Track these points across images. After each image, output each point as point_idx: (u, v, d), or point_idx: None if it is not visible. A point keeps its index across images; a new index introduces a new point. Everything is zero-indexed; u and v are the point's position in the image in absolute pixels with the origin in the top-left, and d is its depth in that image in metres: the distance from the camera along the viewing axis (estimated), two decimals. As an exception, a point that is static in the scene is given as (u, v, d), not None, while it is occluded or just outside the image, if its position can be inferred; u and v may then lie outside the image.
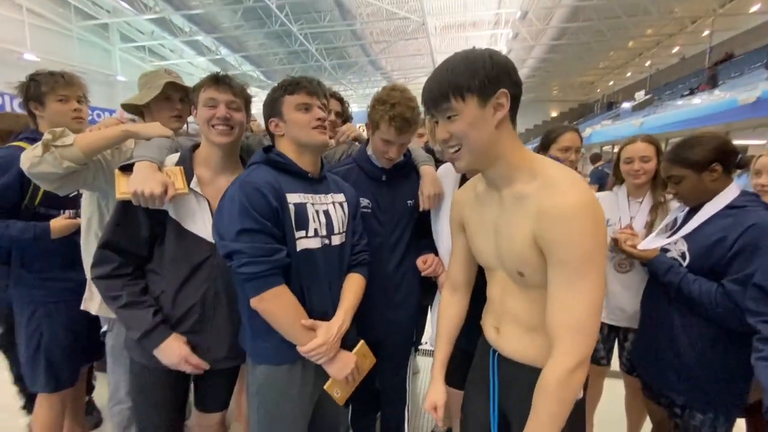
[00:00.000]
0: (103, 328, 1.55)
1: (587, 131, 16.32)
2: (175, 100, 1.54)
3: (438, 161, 1.64)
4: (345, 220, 1.26)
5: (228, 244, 1.02)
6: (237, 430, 1.95)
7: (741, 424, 1.41)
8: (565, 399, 0.80)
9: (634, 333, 1.65)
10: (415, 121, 1.37)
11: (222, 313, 1.23)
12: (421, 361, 2.77)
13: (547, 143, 1.80)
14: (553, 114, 37.50)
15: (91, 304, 1.50)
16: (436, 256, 1.52)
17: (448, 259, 1.26)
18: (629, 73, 25.97)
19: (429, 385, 1.16)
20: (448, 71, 0.84)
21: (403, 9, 16.31)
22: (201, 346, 1.20)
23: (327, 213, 1.20)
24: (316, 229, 1.15)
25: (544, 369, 0.82)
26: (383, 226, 1.49)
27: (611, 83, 29.08)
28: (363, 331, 1.32)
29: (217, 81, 1.21)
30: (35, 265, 1.54)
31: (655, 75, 22.94)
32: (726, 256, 1.15)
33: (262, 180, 1.07)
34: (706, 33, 16.62)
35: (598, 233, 0.78)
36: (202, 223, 1.20)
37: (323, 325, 1.13)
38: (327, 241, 1.18)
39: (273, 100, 1.17)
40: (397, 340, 1.61)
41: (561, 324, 0.80)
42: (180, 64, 26.30)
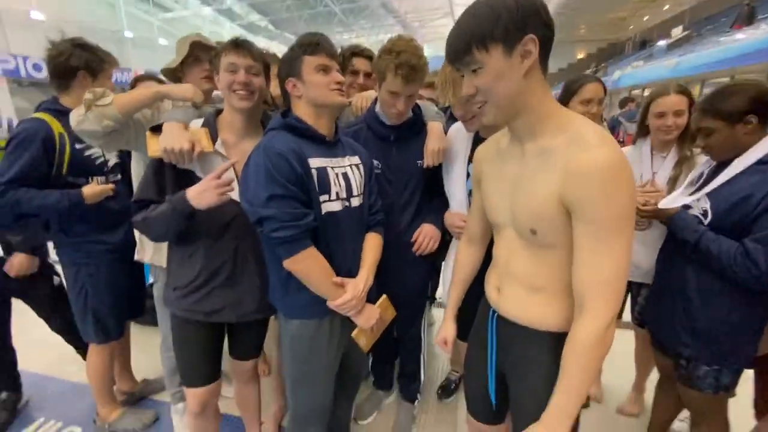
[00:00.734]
0: (150, 280, 1.67)
1: (616, 74, 15.27)
2: (204, 60, 1.55)
3: (451, 118, 1.61)
4: (362, 182, 1.29)
5: (258, 210, 1.06)
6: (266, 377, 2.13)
7: (748, 373, 1.45)
8: (600, 356, 0.81)
9: (648, 288, 1.66)
10: (421, 70, 1.33)
11: (251, 268, 1.31)
12: (436, 313, 2.89)
13: (568, 94, 1.71)
14: (580, 56, 34.94)
15: (144, 254, 1.65)
16: (435, 225, 1.56)
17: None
18: (667, 6, 23.57)
19: (442, 322, 1.27)
20: (470, 19, 0.79)
21: (417, -58, 14.97)
22: (233, 300, 1.30)
23: (345, 176, 1.22)
24: (337, 192, 1.19)
25: (575, 329, 0.81)
26: (393, 185, 1.51)
27: (646, 18, 26.53)
28: (379, 285, 1.38)
29: (236, 46, 1.22)
30: (72, 230, 1.64)
31: (695, 7, 20.77)
32: (751, 215, 1.12)
33: (285, 146, 1.09)
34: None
35: (630, 193, 0.75)
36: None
37: (351, 282, 1.21)
38: (347, 203, 1.22)
39: (292, 59, 1.15)
40: (411, 294, 1.69)
41: (592, 283, 0.79)
42: (186, 15, 25.41)
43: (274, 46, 32.71)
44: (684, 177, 1.57)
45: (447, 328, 1.25)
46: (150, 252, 1.62)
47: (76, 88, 1.57)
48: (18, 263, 1.75)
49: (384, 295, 1.36)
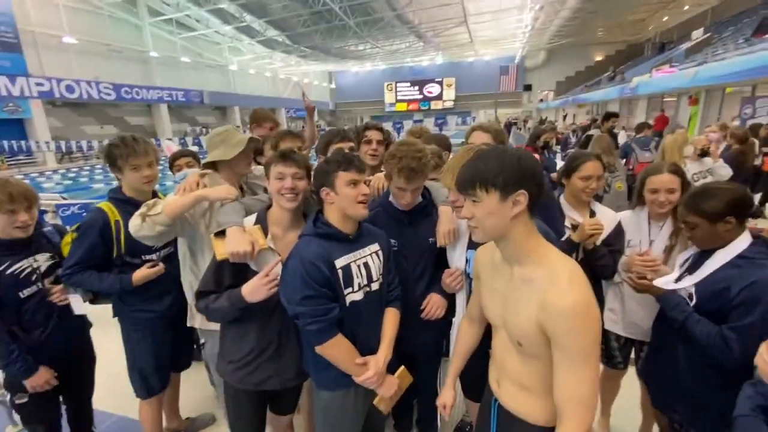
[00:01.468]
0: (201, 341, 1.93)
1: (634, 81, 15.06)
2: (251, 151, 1.87)
3: None
4: (381, 266, 1.50)
5: (294, 307, 1.31)
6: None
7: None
8: None
9: (649, 346, 1.80)
10: (421, 171, 1.55)
11: (292, 343, 1.55)
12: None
13: (570, 170, 1.87)
14: (598, 58, 34.31)
15: (195, 321, 1.88)
16: (443, 295, 1.73)
17: None
18: (687, 6, 23.04)
19: (442, 389, 1.46)
20: (480, 163, 1.00)
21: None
22: (278, 371, 1.54)
23: (366, 265, 1.44)
24: (359, 283, 1.41)
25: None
26: (407, 261, 1.72)
27: (665, 19, 25.96)
28: (399, 345, 1.58)
29: (284, 158, 1.46)
30: (127, 300, 1.90)
31: (717, 8, 20.27)
32: (729, 305, 1.27)
33: (315, 254, 1.32)
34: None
35: (594, 328, 0.93)
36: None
37: (373, 359, 1.42)
38: (368, 288, 1.45)
39: (328, 172, 1.37)
40: (427, 353, 1.90)
41: (568, 400, 0.95)
42: (207, 33, 26.34)
43: (289, 59, 33.51)
44: (679, 247, 1.71)
45: (446, 395, 1.43)
46: (200, 319, 1.86)
47: (124, 180, 1.83)
48: None
49: (402, 366, 1.56)
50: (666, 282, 1.47)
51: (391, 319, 1.54)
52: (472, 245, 1.57)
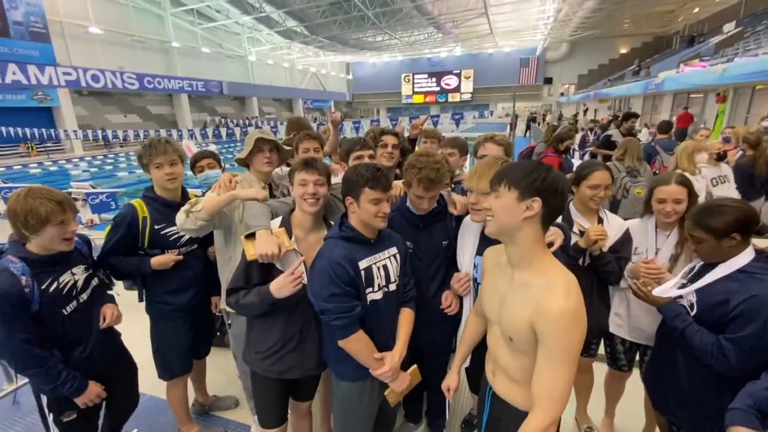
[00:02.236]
0: (228, 322, 2.10)
1: (660, 77, 14.60)
2: (266, 150, 2.01)
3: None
4: (398, 268, 1.62)
5: (321, 303, 1.44)
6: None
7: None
8: None
9: (651, 350, 1.86)
10: (439, 181, 1.65)
11: (313, 335, 1.68)
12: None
13: (579, 179, 1.93)
14: (622, 50, 33.23)
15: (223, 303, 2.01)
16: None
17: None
18: (719, -2, 22.07)
19: (448, 373, 1.59)
20: (515, 166, 1.15)
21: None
22: (300, 361, 1.67)
23: (385, 267, 1.57)
24: (379, 284, 1.54)
25: (525, 422, 1.10)
26: (422, 262, 1.82)
27: (696, 10, 24.91)
28: (411, 341, 1.69)
29: (306, 165, 1.59)
30: (151, 291, 2.05)
31: (751, -1, 19.32)
32: (728, 317, 1.32)
33: (341, 255, 1.45)
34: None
35: (577, 336, 1.04)
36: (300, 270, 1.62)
37: (389, 355, 1.56)
38: (387, 289, 1.57)
39: (356, 185, 1.46)
40: (438, 348, 2.00)
41: (541, 393, 1.08)
42: (227, 24, 26.62)
43: (307, 50, 33.57)
44: (684, 257, 1.76)
45: (451, 379, 1.57)
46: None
47: (152, 179, 1.98)
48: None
49: (414, 365, 1.69)
50: (665, 289, 1.53)
51: (406, 319, 1.66)
52: (480, 252, 1.66)
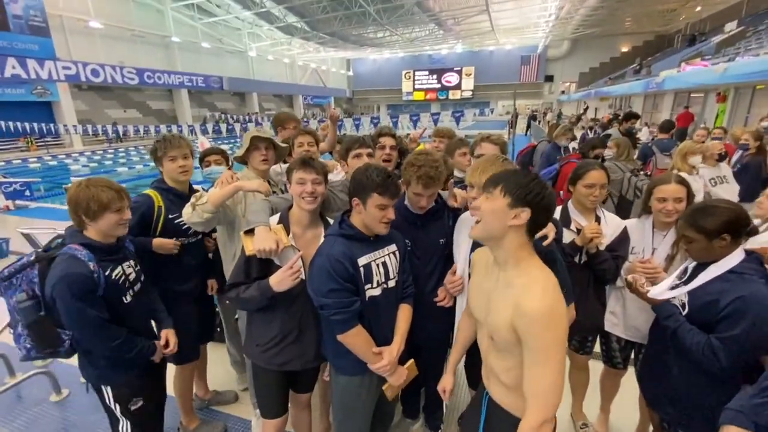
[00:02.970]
0: (235, 316, 2.16)
1: (661, 75, 14.58)
2: (262, 147, 2.07)
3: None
4: (397, 265, 1.64)
5: (320, 299, 1.46)
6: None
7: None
8: None
9: (645, 348, 1.88)
10: (437, 178, 1.67)
11: (312, 328, 1.71)
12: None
13: (575, 178, 1.96)
14: (624, 49, 33.17)
15: None
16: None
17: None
18: (722, -3, 22.01)
19: (443, 374, 1.60)
20: (514, 174, 1.16)
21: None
22: (299, 353, 1.70)
23: (384, 264, 1.58)
24: (378, 280, 1.55)
25: (522, 421, 1.11)
26: (420, 260, 1.85)
27: (698, 9, 24.85)
28: (409, 336, 1.71)
29: (304, 164, 1.60)
30: (155, 278, 2.04)
31: (754, -2, 19.27)
32: (716, 316, 1.34)
33: (340, 252, 1.47)
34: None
35: (556, 333, 1.06)
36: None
37: (387, 349, 1.58)
38: (385, 285, 1.59)
39: (365, 187, 1.48)
40: (435, 343, 2.02)
41: (531, 393, 1.09)
42: (227, 19, 26.51)
43: (308, 45, 33.48)
44: (680, 256, 1.78)
45: (446, 380, 1.58)
46: None
47: (164, 171, 2.07)
48: None
49: (411, 360, 1.71)
50: (660, 291, 1.55)
51: (404, 314, 1.68)
52: (475, 248, 1.67)
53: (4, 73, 15.87)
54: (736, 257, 1.38)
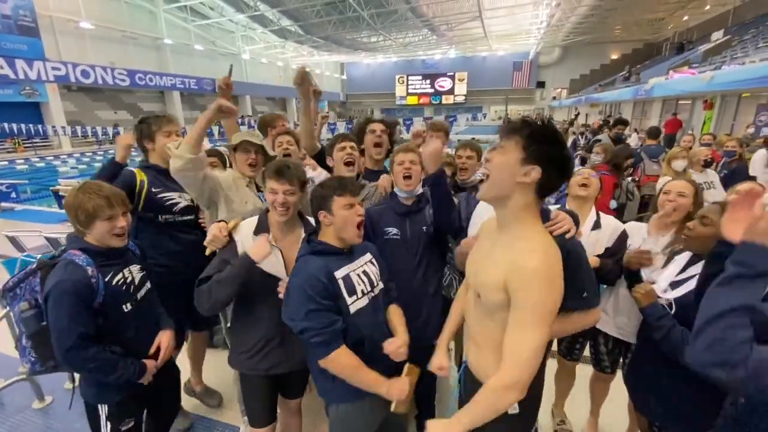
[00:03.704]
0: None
1: (650, 83, 14.85)
2: (251, 152, 2.05)
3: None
4: (378, 271, 1.60)
5: (299, 323, 1.35)
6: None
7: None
8: (493, 405, 1.04)
9: (633, 351, 1.89)
10: (414, 150, 1.88)
11: None
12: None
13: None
14: (614, 56, 33.71)
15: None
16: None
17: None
18: (708, 6, 22.52)
19: (435, 352, 1.47)
20: (531, 126, 1.05)
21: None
22: (285, 356, 1.67)
23: (365, 273, 1.54)
24: (362, 290, 1.49)
25: (491, 379, 1.06)
26: (408, 251, 1.88)
27: (686, 18, 25.40)
28: None
29: (277, 174, 1.54)
30: (148, 250, 1.90)
31: (739, 8, 19.78)
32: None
33: (316, 268, 1.39)
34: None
35: (550, 296, 1.00)
36: (279, 265, 1.62)
37: (392, 339, 1.48)
38: (372, 293, 1.54)
39: (324, 197, 1.46)
40: (429, 334, 1.92)
41: (508, 352, 1.04)
42: (221, 21, 26.42)
43: (301, 49, 33.48)
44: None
45: (439, 357, 1.44)
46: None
47: (150, 151, 2.10)
48: None
49: (407, 364, 1.58)
50: (663, 283, 1.56)
51: (396, 312, 1.62)
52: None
53: (-8, 73, 15.62)
54: None
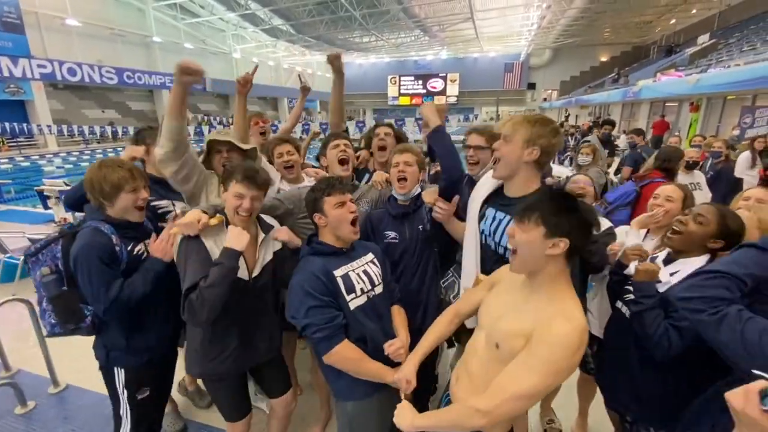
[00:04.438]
0: None
1: (638, 85, 15.07)
2: (223, 151, 2.00)
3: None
4: (380, 272, 1.61)
5: (301, 320, 1.39)
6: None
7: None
8: (458, 421, 1.08)
9: (604, 350, 1.88)
10: (410, 149, 1.89)
11: (262, 326, 1.69)
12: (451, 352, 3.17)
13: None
14: (603, 59, 34.17)
15: None
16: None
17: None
18: (694, 10, 22.95)
19: (403, 363, 1.43)
20: (541, 201, 1.10)
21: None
22: (252, 347, 1.65)
23: (366, 272, 1.55)
24: (362, 288, 1.50)
25: (469, 399, 1.09)
26: (407, 252, 1.88)
27: (673, 21, 25.84)
28: None
29: (246, 179, 1.52)
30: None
31: (725, 12, 20.20)
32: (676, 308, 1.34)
33: (315, 267, 1.44)
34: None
35: (565, 360, 1.01)
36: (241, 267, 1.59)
37: (398, 338, 1.51)
38: (372, 293, 1.54)
39: (315, 200, 1.50)
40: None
41: (496, 382, 1.06)
42: (211, 20, 26.15)
43: (293, 48, 33.30)
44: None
45: (404, 370, 1.39)
46: None
47: (146, 162, 2.07)
48: None
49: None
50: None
51: (398, 313, 1.64)
52: (491, 202, 1.63)
53: (-25, 71, 15.26)
54: (703, 259, 1.45)
